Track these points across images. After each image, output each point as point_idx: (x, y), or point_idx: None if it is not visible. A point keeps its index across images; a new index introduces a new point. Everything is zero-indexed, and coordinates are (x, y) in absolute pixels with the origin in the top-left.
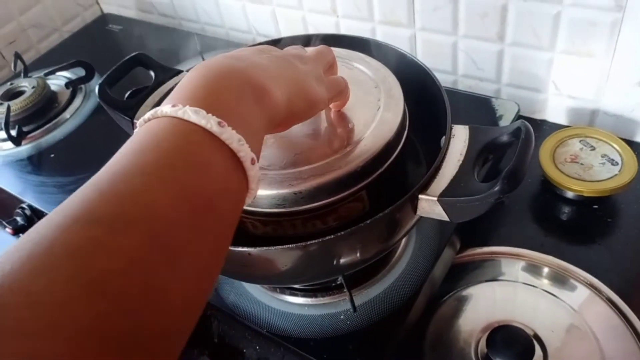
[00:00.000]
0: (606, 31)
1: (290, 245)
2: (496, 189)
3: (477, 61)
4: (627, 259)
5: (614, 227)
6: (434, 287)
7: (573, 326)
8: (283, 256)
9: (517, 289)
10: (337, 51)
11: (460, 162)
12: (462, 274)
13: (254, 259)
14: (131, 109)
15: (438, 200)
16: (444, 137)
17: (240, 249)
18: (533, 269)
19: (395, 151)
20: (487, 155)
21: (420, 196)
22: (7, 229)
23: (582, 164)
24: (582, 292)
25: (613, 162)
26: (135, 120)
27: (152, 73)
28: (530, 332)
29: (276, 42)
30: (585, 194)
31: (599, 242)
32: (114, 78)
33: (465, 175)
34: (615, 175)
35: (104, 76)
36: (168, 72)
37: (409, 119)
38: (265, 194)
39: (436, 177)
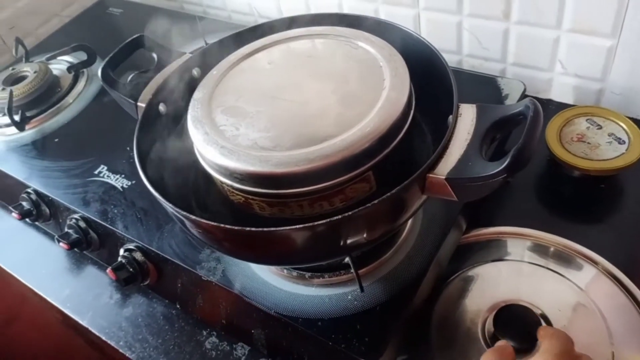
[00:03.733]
0: (613, 8)
1: (297, 226)
2: (504, 167)
3: (482, 40)
4: (634, 237)
5: (620, 206)
6: (441, 267)
7: (580, 304)
8: (290, 237)
9: (523, 269)
10: (341, 30)
11: (468, 141)
12: (469, 253)
13: (260, 240)
14: (134, 92)
15: (446, 179)
16: (450, 116)
17: (247, 229)
18: (539, 248)
19: (401, 131)
20: (494, 134)
21: (428, 175)
22: (13, 214)
23: (588, 143)
24: (589, 270)
25: (620, 141)
26: (138, 103)
27: (154, 55)
28: (537, 311)
29: (278, 24)
30: (592, 173)
31: (605, 221)
32: (117, 61)
33: (473, 155)
34: (622, 154)
35: (106, 59)
36: (170, 54)
37: (414, 98)
38: (271, 175)
39: (444, 157)
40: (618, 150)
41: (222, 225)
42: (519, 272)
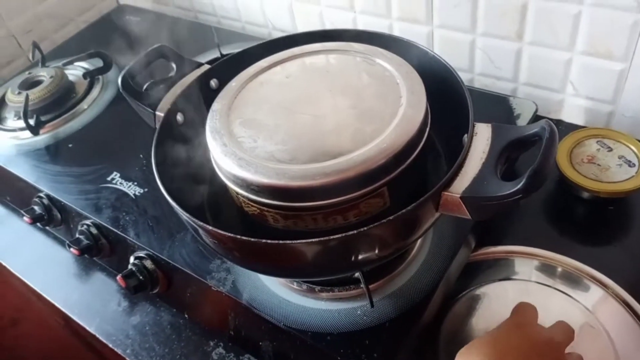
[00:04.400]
0: (626, 32)
1: (312, 240)
2: (519, 188)
3: (495, 59)
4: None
5: (629, 228)
6: (450, 284)
7: (587, 325)
8: (304, 250)
9: (531, 288)
10: (359, 47)
11: (483, 160)
12: (477, 272)
13: (273, 252)
14: (153, 101)
15: (461, 198)
16: (466, 135)
17: (263, 241)
18: (547, 268)
19: (417, 148)
20: (509, 153)
21: (443, 193)
22: (25, 218)
23: (599, 164)
24: (596, 292)
25: (630, 164)
26: (157, 112)
27: (173, 65)
28: None
29: (295, 38)
30: (602, 195)
31: (614, 243)
32: (136, 69)
33: (488, 174)
34: (632, 177)
35: (127, 67)
36: (189, 65)
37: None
38: (286, 188)
39: (459, 175)
40: (628, 172)
41: (239, 236)
42: (527, 291)
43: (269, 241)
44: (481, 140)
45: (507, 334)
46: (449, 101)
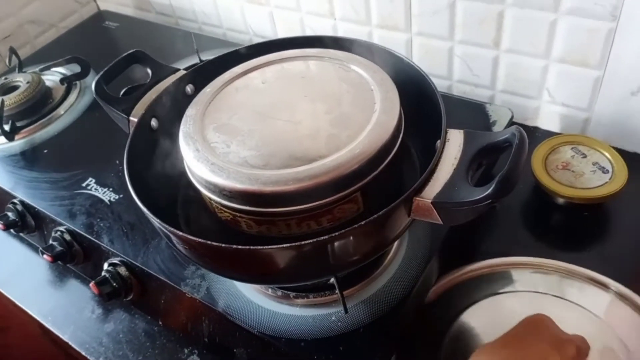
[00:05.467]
0: (601, 41)
1: (284, 245)
2: (489, 193)
3: (473, 67)
4: (616, 267)
5: (603, 234)
6: (426, 291)
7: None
8: (277, 256)
9: (535, 300)
10: (335, 53)
11: (455, 166)
12: (473, 288)
13: (247, 258)
14: (127, 106)
15: (432, 203)
16: (438, 141)
17: (234, 247)
18: (546, 276)
19: (390, 154)
20: (481, 159)
21: (414, 199)
22: None
23: (573, 171)
24: (601, 296)
25: (604, 170)
26: (131, 118)
27: (149, 70)
28: None
29: (273, 44)
30: (576, 201)
31: (588, 249)
32: (111, 74)
33: (459, 179)
34: (606, 183)
35: (101, 72)
36: (165, 70)
37: (404, 122)
38: (259, 194)
39: (430, 181)
40: (602, 179)
41: (209, 242)
42: (530, 302)
43: (239, 247)
44: (453, 146)
45: (524, 333)
46: (424, 107)
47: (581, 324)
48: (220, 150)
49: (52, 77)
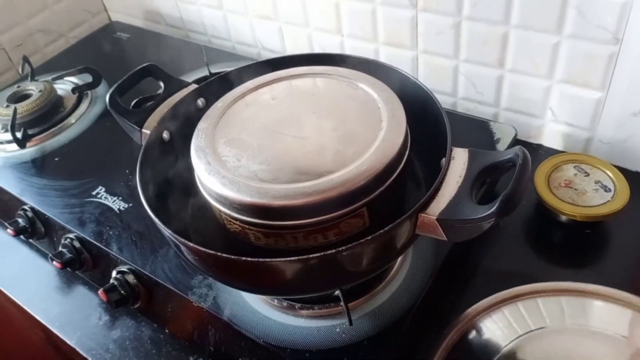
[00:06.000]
0: (603, 63)
1: (291, 258)
2: (493, 211)
3: (477, 85)
4: (617, 284)
5: (605, 252)
6: (428, 305)
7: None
8: (284, 268)
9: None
10: (343, 71)
11: (459, 183)
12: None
13: (255, 269)
14: (140, 118)
15: (437, 220)
16: (444, 159)
17: (243, 259)
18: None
19: (396, 170)
20: (484, 178)
21: (420, 215)
22: (8, 230)
23: (576, 189)
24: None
25: (606, 189)
26: (143, 130)
27: (161, 84)
28: None
29: (282, 60)
30: (578, 219)
31: (589, 266)
32: (125, 87)
33: (463, 197)
34: (608, 201)
35: (115, 85)
36: (177, 84)
37: (410, 139)
38: (268, 207)
39: (435, 198)
40: (604, 197)
41: (219, 254)
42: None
43: (248, 259)
44: (458, 164)
45: None
46: (430, 125)
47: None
48: (231, 164)
49: (64, 86)
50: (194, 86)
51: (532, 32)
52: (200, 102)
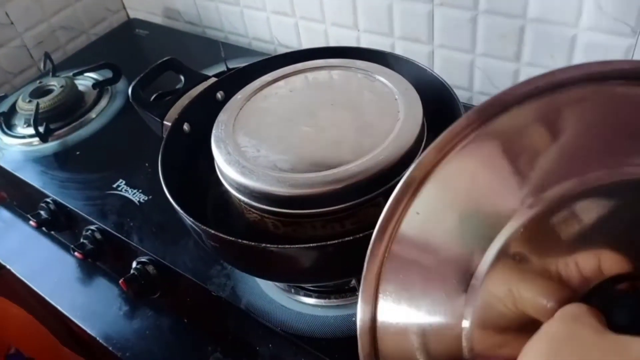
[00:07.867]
0: (620, 55)
1: (309, 245)
2: None
3: (494, 79)
4: None
5: None
6: None
7: None
8: (302, 255)
9: None
10: (360, 63)
11: None
12: None
13: (274, 256)
14: (162, 111)
15: None
16: None
17: (262, 245)
18: None
19: (413, 160)
20: None
21: None
22: (31, 222)
23: None
24: None
25: None
26: (165, 122)
27: (181, 77)
28: None
29: (300, 54)
30: None
31: None
32: (147, 81)
33: None
34: None
35: (137, 78)
36: (197, 77)
37: (426, 130)
38: (287, 196)
39: None
40: None
41: (239, 240)
42: None
43: (267, 245)
44: None
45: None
46: (446, 117)
47: None
48: (250, 154)
49: (85, 82)
50: (214, 79)
51: (549, 24)
52: (220, 95)
